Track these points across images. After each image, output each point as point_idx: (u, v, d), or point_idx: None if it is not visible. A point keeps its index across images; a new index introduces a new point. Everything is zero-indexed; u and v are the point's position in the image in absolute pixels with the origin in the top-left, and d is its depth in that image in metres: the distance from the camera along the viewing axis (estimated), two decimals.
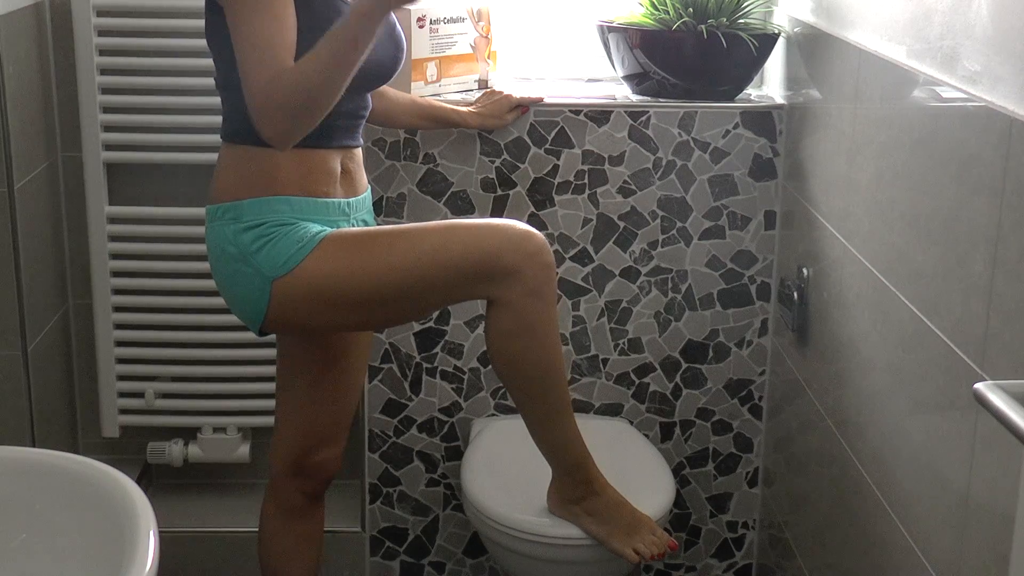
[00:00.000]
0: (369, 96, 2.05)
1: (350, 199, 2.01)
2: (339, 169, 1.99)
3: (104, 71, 2.52)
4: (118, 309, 2.62)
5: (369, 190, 2.10)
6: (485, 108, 2.41)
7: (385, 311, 1.96)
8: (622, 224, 2.51)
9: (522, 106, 2.42)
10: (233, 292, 1.95)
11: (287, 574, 2.22)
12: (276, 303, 1.90)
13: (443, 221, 2.02)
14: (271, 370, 2.60)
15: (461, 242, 1.88)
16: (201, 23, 1.93)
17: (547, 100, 2.45)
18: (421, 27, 2.43)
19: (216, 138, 1.99)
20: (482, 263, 1.87)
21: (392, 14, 2.01)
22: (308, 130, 1.80)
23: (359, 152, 2.06)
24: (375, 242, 1.92)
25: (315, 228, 1.91)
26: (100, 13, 2.48)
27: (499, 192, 2.48)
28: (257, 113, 1.76)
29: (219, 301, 2.53)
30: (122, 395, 2.65)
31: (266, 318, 1.92)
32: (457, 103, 2.43)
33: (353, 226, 2.01)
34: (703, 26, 2.34)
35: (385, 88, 2.29)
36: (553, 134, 2.46)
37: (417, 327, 2.55)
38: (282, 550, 2.20)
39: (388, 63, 2.00)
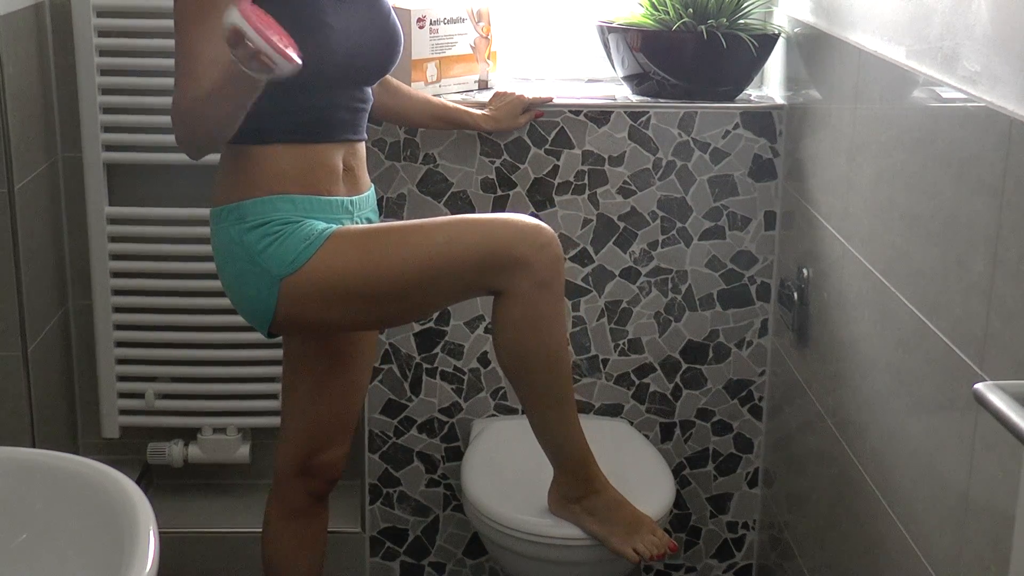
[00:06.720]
0: (369, 89, 2.05)
1: (352, 197, 2.01)
2: (341, 166, 1.99)
3: (104, 71, 2.52)
4: (118, 310, 2.62)
5: (372, 189, 2.10)
6: (499, 111, 2.39)
7: (394, 307, 1.95)
8: (622, 224, 2.51)
9: (536, 110, 2.40)
10: (241, 293, 1.95)
11: None
12: (285, 302, 1.90)
13: (451, 216, 2.02)
14: (272, 371, 2.61)
15: (473, 234, 1.89)
16: None
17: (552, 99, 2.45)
18: (421, 27, 2.43)
19: None
20: (494, 254, 1.87)
21: (385, 3, 2.02)
22: (211, 147, 1.89)
23: (362, 148, 2.05)
24: (385, 237, 1.92)
25: (321, 225, 1.92)
26: (100, 13, 2.48)
27: (499, 192, 2.48)
28: (172, 121, 1.84)
29: (220, 302, 2.54)
30: (122, 396, 2.65)
31: (275, 318, 1.92)
32: (463, 103, 2.42)
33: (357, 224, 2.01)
34: (703, 27, 2.34)
35: (399, 85, 2.29)
36: (553, 134, 2.46)
37: (417, 327, 2.54)
38: (286, 552, 2.20)
39: (380, 58, 2.00)
